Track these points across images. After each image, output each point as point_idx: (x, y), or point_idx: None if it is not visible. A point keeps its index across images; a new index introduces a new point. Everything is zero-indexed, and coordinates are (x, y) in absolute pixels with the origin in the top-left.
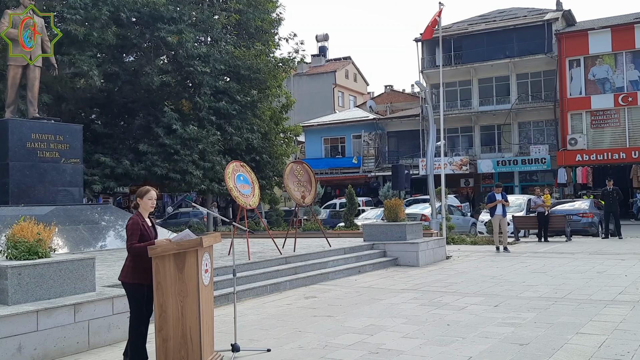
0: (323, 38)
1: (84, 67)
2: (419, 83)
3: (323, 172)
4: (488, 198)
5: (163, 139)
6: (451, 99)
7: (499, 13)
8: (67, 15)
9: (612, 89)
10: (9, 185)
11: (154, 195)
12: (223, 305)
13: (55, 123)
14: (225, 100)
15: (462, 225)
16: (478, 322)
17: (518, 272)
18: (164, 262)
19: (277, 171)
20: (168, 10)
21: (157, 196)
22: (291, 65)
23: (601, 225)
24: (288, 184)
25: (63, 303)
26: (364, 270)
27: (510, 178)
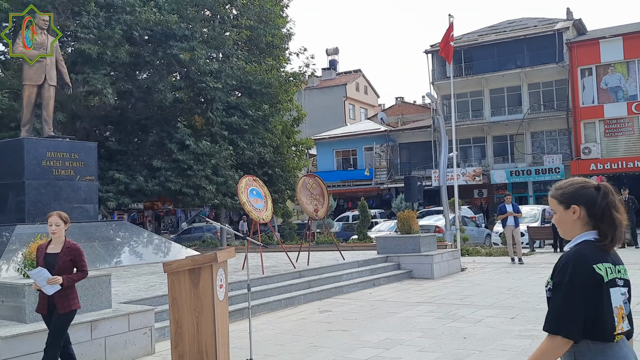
0: (333, 51)
1: (98, 85)
2: (429, 94)
3: (335, 184)
4: (499, 210)
5: (176, 154)
6: (462, 109)
7: (509, 23)
8: (81, 34)
9: (625, 97)
10: (25, 203)
11: (52, 221)
12: (238, 320)
13: (70, 141)
14: (237, 115)
15: (476, 236)
16: (495, 335)
17: (534, 283)
18: (179, 278)
19: (290, 185)
20: (180, 28)
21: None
22: (302, 79)
23: None
24: (301, 198)
25: (80, 320)
26: (378, 284)
27: (524, 188)
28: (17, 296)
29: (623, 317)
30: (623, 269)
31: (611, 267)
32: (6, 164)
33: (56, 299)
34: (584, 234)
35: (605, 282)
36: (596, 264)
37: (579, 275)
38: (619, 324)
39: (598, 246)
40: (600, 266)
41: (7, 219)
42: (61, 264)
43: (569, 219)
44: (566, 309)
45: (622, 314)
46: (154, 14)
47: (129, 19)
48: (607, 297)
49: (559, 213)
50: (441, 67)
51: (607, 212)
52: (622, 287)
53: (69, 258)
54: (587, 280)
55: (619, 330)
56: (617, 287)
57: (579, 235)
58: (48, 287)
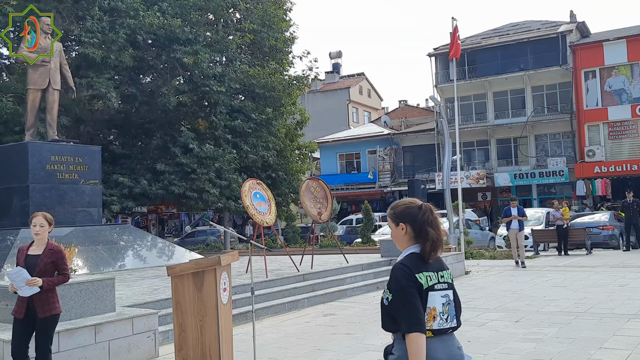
0: (336, 55)
1: (102, 89)
2: (433, 98)
3: (339, 188)
4: (504, 213)
5: (180, 158)
6: (466, 112)
7: (513, 26)
8: (84, 38)
9: (629, 100)
10: (29, 207)
11: (37, 222)
12: (242, 324)
13: (74, 145)
14: (240, 118)
15: (480, 239)
16: (499, 338)
17: (538, 286)
18: (182, 282)
19: (293, 188)
20: (183, 32)
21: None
22: (305, 82)
23: (622, 237)
24: (304, 201)
25: (84, 324)
26: (382, 287)
27: (528, 191)
28: None
29: (434, 317)
30: (447, 274)
31: (431, 275)
32: (10, 168)
33: (36, 302)
34: (411, 247)
35: (424, 288)
36: (417, 274)
37: (406, 281)
38: (429, 320)
39: (420, 257)
40: (420, 275)
41: (11, 222)
42: (42, 265)
43: (399, 235)
44: (408, 310)
45: (433, 314)
46: (157, 18)
47: (132, 23)
48: (425, 300)
49: (393, 230)
50: (444, 70)
51: (423, 228)
52: (443, 291)
53: (50, 260)
54: (411, 285)
55: (428, 326)
56: (437, 291)
57: (407, 248)
58: (26, 288)
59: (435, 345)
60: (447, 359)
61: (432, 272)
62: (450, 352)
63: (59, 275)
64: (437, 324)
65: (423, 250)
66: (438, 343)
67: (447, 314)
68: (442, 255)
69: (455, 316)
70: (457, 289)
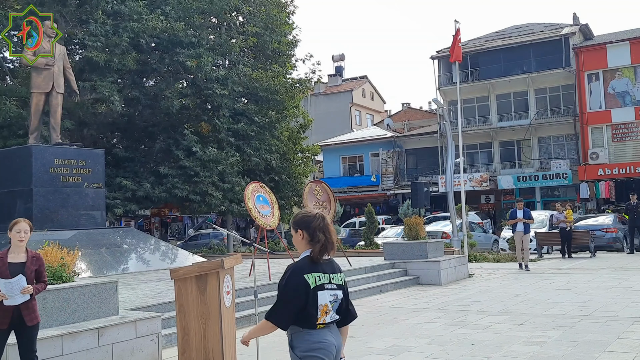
0: (339, 58)
1: (105, 93)
2: (436, 100)
3: (342, 190)
4: (510, 214)
5: (183, 161)
6: (469, 115)
7: (515, 29)
8: (88, 42)
9: (632, 102)
10: (33, 210)
11: (22, 228)
12: (245, 327)
13: (77, 148)
14: (243, 121)
15: (483, 242)
16: (503, 341)
17: (542, 289)
18: (185, 285)
19: (296, 191)
20: (187, 35)
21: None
22: (308, 85)
23: (626, 240)
24: (307, 204)
25: (87, 327)
26: (385, 290)
27: (532, 194)
28: None
29: (327, 312)
30: (337, 276)
31: (320, 276)
32: (14, 171)
33: (23, 310)
34: (306, 251)
35: (312, 287)
36: (306, 274)
37: (293, 282)
38: (321, 317)
39: (311, 259)
40: (309, 275)
41: None
42: (29, 273)
43: (298, 240)
44: (279, 305)
45: (325, 310)
46: (160, 22)
47: (136, 26)
48: (314, 298)
49: (294, 236)
50: (447, 73)
51: (315, 233)
52: (332, 290)
53: (35, 268)
54: (298, 285)
55: (321, 321)
56: (325, 291)
57: (304, 252)
58: (20, 297)
59: (327, 333)
60: (337, 343)
61: (322, 273)
62: (337, 338)
63: (40, 282)
64: (329, 317)
65: (313, 252)
66: (328, 332)
67: (333, 311)
68: (445, 258)
69: (339, 311)
70: (460, 292)
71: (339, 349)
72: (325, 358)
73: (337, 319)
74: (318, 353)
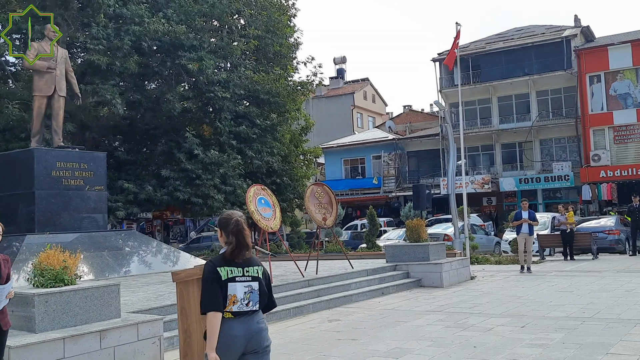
0: (341, 60)
1: (107, 96)
2: (437, 102)
3: (343, 193)
4: (515, 216)
5: (185, 164)
6: (471, 117)
7: (517, 31)
8: (90, 45)
9: (634, 104)
10: (35, 213)
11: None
12: None
13: (79, 151)
14: (245, 124)
15: (485, 244)
16: (505, 344)
17: (544, 291)
18: (187, 287)
19: (298, 193)
20: (188, 38)
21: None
22: (310, 88)
23: (628, 242)
24: (309, 206)
25: (89, 330)
26: (387, 292)
27: (534, 196)
28: (26, 306)
29: (234, 302)
30: (253, 269)
31: (233, 269)
32: (17, 175)
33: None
34: (224, 249)
35: (223, 279)
36: (219, 267)
37: (208, 274)
38: (228, 306)
39: (225, 256)
40: (221, 269)
41: (17, 229)
42: (4, 276)
43: (220, 239)
44: (206, 295)
45: (233, 300)
46: (162, 25)
47: (137, 29)
48: (225, 289)
49: (219, 236)
50: (449, 75)
51: (229, 236)
52: (246, 282)
53: (7, 271)
54: (212, 277)
55: (228, 309)
56: (238, 282)
57: (222, 249)
58: (4, 301)
59: (234, 324)
60: (244, 334)
61: (235, 267)
62: (247, 328)
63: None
64: (236, 307)
65: (226, 251)
66: (236, 322)
67: (249, 300)
68: (447, 260)
69: (258, 302)
70: (462, 295)
71: (249, 337)
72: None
73: (255, 309)
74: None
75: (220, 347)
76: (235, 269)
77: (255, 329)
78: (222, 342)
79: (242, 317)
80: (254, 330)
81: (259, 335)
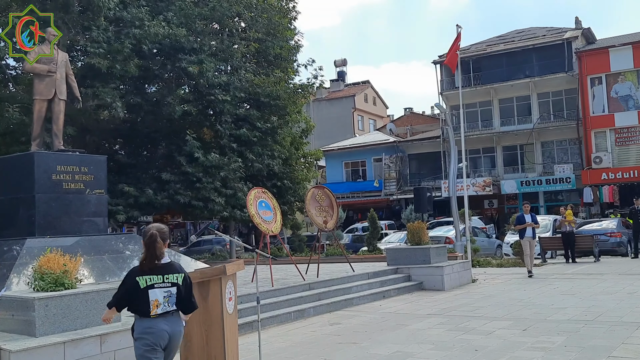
0: (341, 63)
1: (108, 99)
2: (438, 105)
3: (344, 196)
4: (517, 219)
5: (185, 167)
6: (472, 119)
7: (518, 33)
8: (90, 49)
9: (635, 106)
10: (35, 216)
11: None
12: (247, 334)
13: (80, 155)
14: (245, 127)
15: (487, 247)
16: (507, 347)
17: (546, 294)
18: None
19: (299, 196)
20: (189, 41)
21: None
22: (310, 91)
23: (630, 244)
24: (310, 209)
25: (89, 334)
26: (388, 295)
27: (535, 198)
28: (27, 310)
29: (157, 305)
30: (172, 276)
31: (152, 277)
32: (17, 178)
33: None
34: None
35: (142, 287)
36: (137, 276)
37: (127, 280)
38: (153, 309)
39: (140, 265)
40: (140, 278)
41: (17, 232)
42: None
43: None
44: (117, 296)
45: (156, 304)
46: (162, 28)
47: (138, 33)
48: (146, 295)
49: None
50: (450, 78)
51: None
52: (165, 288)
53: None
54: (130, 284)
55: (154, 312)
56: (156, 289)
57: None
58: None
59: (162, 321)
60: (170, 330)
61: (155, 275)
62: (172, 325)
63: None
64: (160, 309)
65: (140, 260)
66: (162, 320)
67: (169, 303)
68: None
69: (175, 303)
70: (464, 298)
71: (172, 334)
72: (153, 340)
73: (174, 309)
74: (147, 336)
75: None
76: (155, 277)
77: (178, 328)
78: (149, 331)
79: (166, 316)
80: (177, 329)
81: (180, 333)
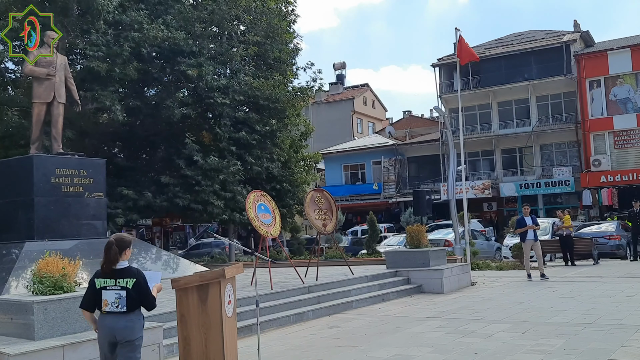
0: (340, 66)
1: (107, 102)
2: (437, 108)
3: (343, 199)
4: (517, 223)
5: (184, 170)
6: (471, 122)
7: (516, 36)
8: (89, 52)
9: (634, 109)
10: (34, 220)
11: None
12: (246, 337)
13: (79, 158)
14: (245, 130)
15: (486, 250)
16: (506, 350)
17: (545, 297)
18: (187, 294)
19: (298, 199)
20: (188, 44)
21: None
22: (309, 94)
23: (629, 247)
24: (309, 212)
25: (88, 337)
26: (387, 298)
27: (534, 201)
28: (26, 313)
29: (107, 305)
30: (123, 281)
31: (105, 280)
32: (16, 181)
33: None
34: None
35: (97, 288)
36: (96, 279)
37: (89, 281)
38: (103, 307)
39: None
40: (97, 280)
41: (16, 236)
42: None
43: None
44: (84, 297)
45: (106, 303)
46: (161, 31)
47: (137, 36)
48: (100, 295)
49: None
50: (448, 81)
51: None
52: (115, 291)
53: None
54: (90, 284)
55: (104, 309)
56: (108, 291)
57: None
58: None
59: (107, 319)
60: (112, 327)
61: (109, 279)
62: (115, 323)
63: None
64: (108, 308)
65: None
66: (108, 318)
67: (118, 304)
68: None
69: (125, 305)
70: (463, 301)
71: (119, 330)
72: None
73: (123, 311)
74: (99, 330)
75: (98, 335)
76: (108, 280)
77: (122, 325)
78: (99, 328)
79: (112, 315)
80: (121, 326)
81: (125, 330)
